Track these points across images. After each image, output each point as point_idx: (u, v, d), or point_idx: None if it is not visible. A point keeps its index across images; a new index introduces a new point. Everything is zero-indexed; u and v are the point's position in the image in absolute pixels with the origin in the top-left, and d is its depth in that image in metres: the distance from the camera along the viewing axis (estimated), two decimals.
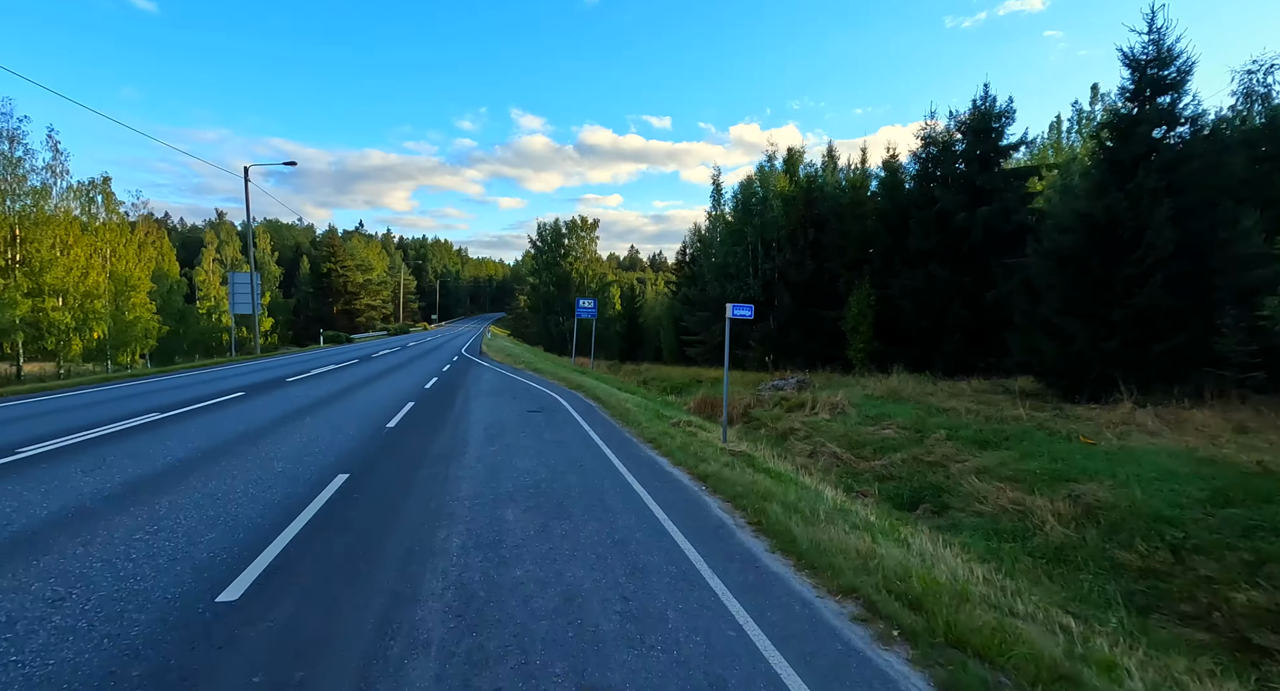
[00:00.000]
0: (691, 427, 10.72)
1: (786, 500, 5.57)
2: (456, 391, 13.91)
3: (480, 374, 19.46)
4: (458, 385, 15.35)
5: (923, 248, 23.54)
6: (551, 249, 62.74)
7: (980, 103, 22.76)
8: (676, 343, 43.04)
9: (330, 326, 60.74)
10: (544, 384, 16.83)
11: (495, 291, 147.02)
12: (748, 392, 19.80)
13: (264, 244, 73.03)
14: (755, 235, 30.31)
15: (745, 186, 31.58)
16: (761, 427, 15.45)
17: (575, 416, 10.79)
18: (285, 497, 5.22)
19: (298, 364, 21.00)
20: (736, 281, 31.27)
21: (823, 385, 19.71)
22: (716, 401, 18.57)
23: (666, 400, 20.38)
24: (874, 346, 24.32)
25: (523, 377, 18.72)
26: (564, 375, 19.26)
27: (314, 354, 28.80)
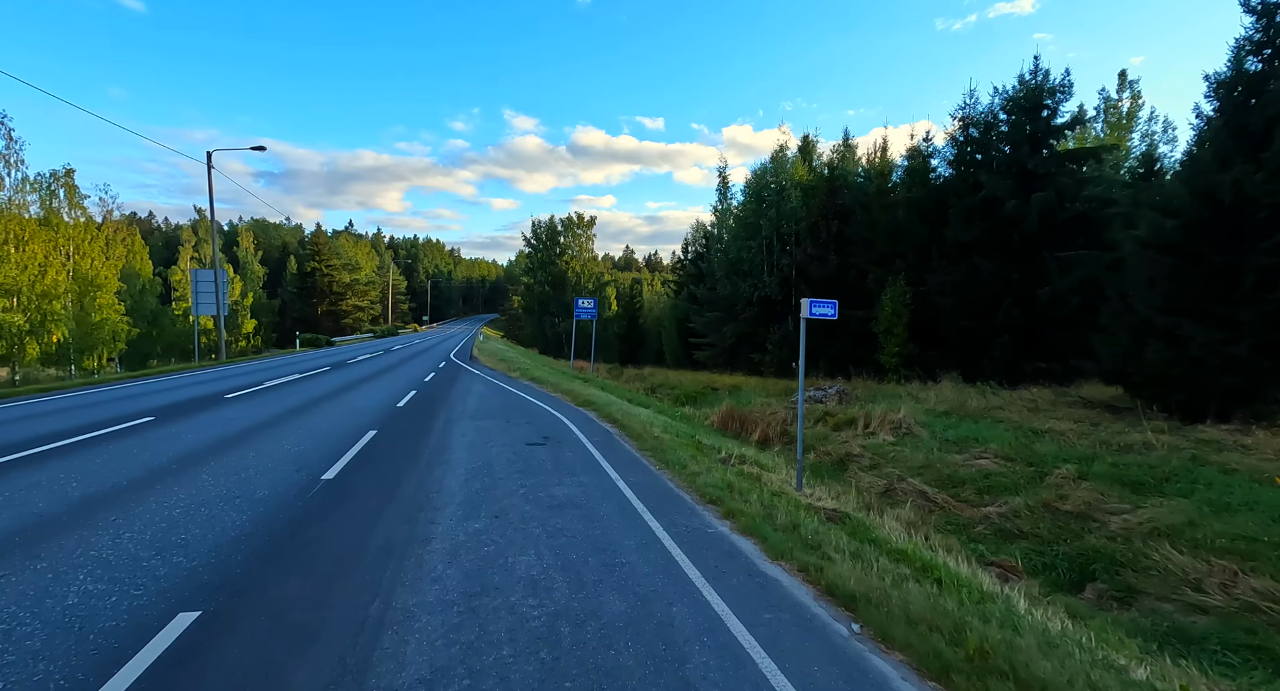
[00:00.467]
0: (748, 466, 7.98)
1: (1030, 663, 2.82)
2: (436, 411, 11.08)
3: (469, 384, 16.62)
4: (439, 402, 12.51)
5: (964, 239, 20.94)
6: (547, 247, 59.84)
7: (1030, 77, 20.18)
8: (680, 345, 40.31)
9: (314, 328, 57.57)
10: (544, 398, 14.03)
11: (488, 292, 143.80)
12: (778, 404, 17.07)
13: (247, 243, 69.75)
14: (771, 228, 27.62)
15: (759, 176, 28.89)
16: (809, 451, 12.71)
17: (592, 451, 8.00)
18: None
19: (256, 373, 18.10)
20: (750, 279, 28.55)
21: (865, 396, 17.00)
22: (745, 416, 15.87)
23: (682, 412, 17.67)
24: (909, 350, 21.67)
25: (518, 389, 15.90)
26: (566, 386, 16.47)
27: (284, 360, 25.83)
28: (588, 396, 14.01)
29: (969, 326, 20.54)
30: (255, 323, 64.42)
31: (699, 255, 41.45)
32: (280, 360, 25.23)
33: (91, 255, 33.21)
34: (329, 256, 63.32)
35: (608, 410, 11.64)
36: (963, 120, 22.35)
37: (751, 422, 15.46)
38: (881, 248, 24.01)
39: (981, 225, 20.46)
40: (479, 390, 15.06)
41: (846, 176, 26.54)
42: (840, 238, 25.34)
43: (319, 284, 60.35)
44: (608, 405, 12.56)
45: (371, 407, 11.06)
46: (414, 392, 13.73)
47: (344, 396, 12.54)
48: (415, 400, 12.48)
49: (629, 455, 7.96)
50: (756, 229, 28.15)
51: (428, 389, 14.83)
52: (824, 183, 26.14)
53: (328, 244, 69.36)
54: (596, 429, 9.78)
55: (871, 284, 23.39)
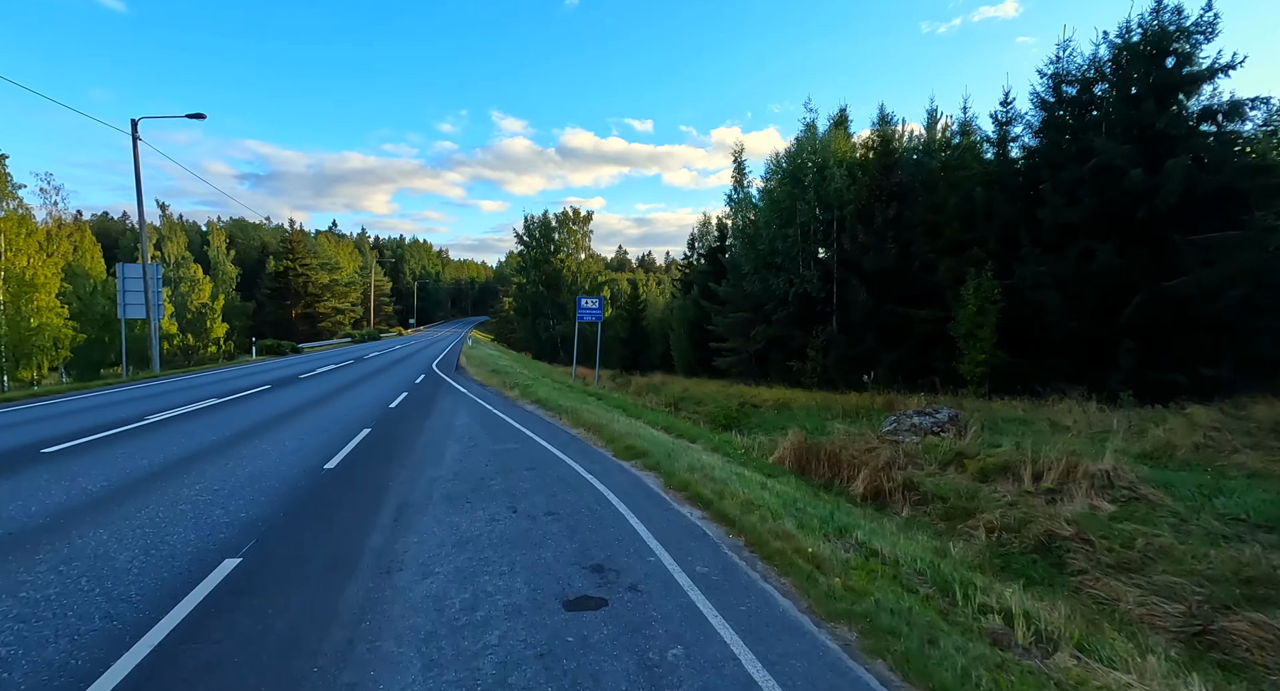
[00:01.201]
0: None
1: None
2: (389, 482, 6.50)
3: (451, 413, 12.08)
4: (399, 453, 7.98)
5: (1068, 219, 16.78)
6: (540, 244, 55.25)
7: (1151, 18, 16.06)
8: (693, 350, 35.93)
9: (287, 332, 52.49)
10: (560, 439, 9.54)
11: (477, 294, 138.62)
12: (871, 434, 12.70)
13: (219, 241, 64.57)
14: (809, 213, 23.32)
15: (794, 153, 24.57)
16: (959, 519, 8.34)
17: (716, 628, 3.49)
18: None
19: (162, 395, 13.44)
20: (785, 273, 24.21)
21: (981, 419, 12.66)
22: (831, 454, 11.48)
23: (731, 443, 13.31)
24: (997, 357, 17.43)
25: (520, 421, 11.39)
26: (583, 411, 11.96)
27: (227, 372, 21.08)
28: (620, 432, 9.56)
29: (1078, 328, 16.35)
30: (227, 327, 59.32)
31: (713, 250, 37.09)
32: (218, 374, 20.48)
33: (27, 252, 28.49)
34: (304, 255, 58.14)
35: (670, 465, 7.18)
36: (1055, 77, 18.19)
37: (843, 463, 11.08)
38: (951, 233, 19.80)
39: (1092, 201, 16.30)
40: (463, 424, 10.51)
41: (902, 151, 22.30)
42: (898, 222, 21.08)
43: (293, 285, 55.18)
44: (658, 448, 8.12)
45: (277, 475, 6.51)
46: (365, 432, 9.17)
47: (244, 446, 7.96)
48: (361, 450, 7.95)
49: (802, 635, 3.46)
50: (793, 214, 23.82)
51: (389, 423, 10.28)
52: (876, 158, 21.87)
53: (304, 242, 64.16)
54: (681, 524, 5.29)
55: (943, 276, 19.13)
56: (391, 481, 6.31)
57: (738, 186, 34.78)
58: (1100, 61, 17.30)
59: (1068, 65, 18.00)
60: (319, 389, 15.18)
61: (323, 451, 7.57)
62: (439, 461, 7.38)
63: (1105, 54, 17.08)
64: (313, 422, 9.86)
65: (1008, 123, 19.49)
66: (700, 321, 35.17)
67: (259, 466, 6.76)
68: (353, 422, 9.84)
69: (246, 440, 8.11)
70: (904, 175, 21.53)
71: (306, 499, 5.59)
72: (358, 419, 10.38)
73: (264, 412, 10.80)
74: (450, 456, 7.67)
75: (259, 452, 7.43)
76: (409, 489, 6.04)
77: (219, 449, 7.61)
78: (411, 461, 7.35)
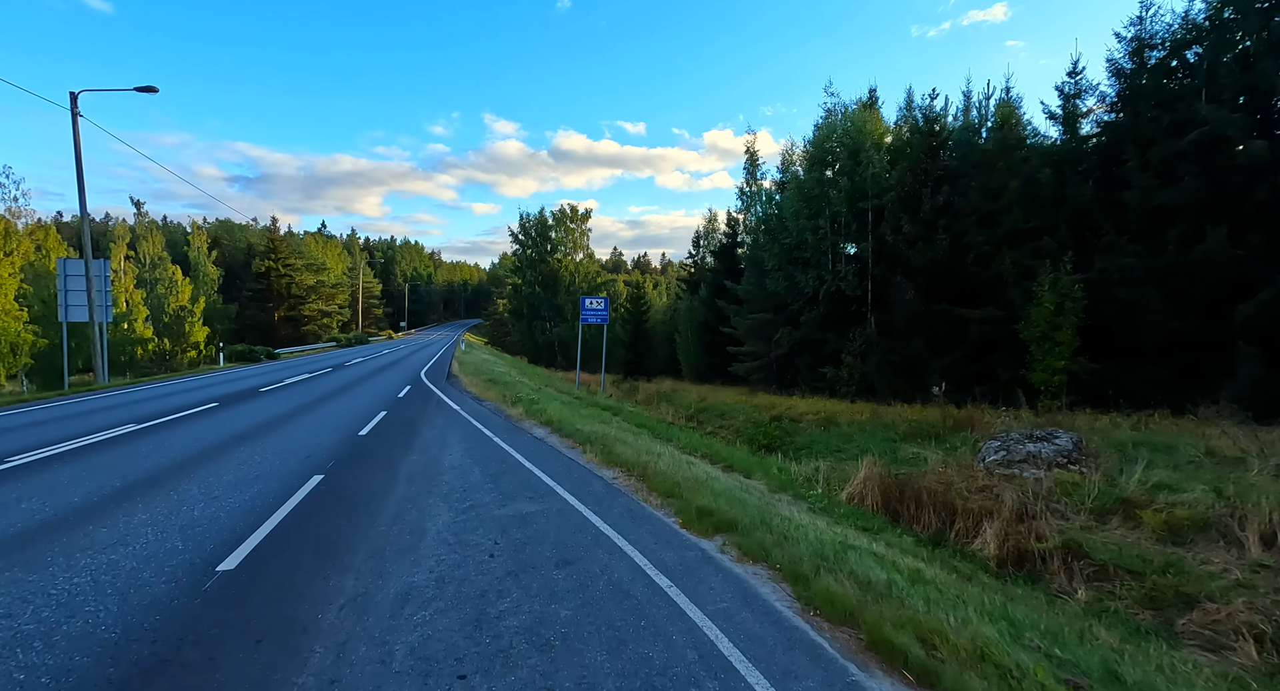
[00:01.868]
0: None
1: None
2: (311, 627, 3.73)
3: (440, 444, 9.28)
4: (349, 538, 5.20)
5: (1163, 202, 14.27)
6: (536, 244, 52.40)
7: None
8: (703, 354, 33.26)
9: (269, 337, 49.29)
10: (596, 490, 6.76)
11: (470, 296, 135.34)
12: (965, 461, 10.04)
13: (199, 242, 61.27)
14: (843, 202, 20.69)
15: (821, 137, 21.95)
16: (1171, 607, 5.68)
17: None
18: None
19: (87, 415, 10.55)
20: (815, 269, 21.58)
21: (1106, 444, 10.02)
22: (930, 492, 8.86)
23: (781, 468, 10.69)
24: (1078, 364, 14.85)
25: (531, 453, 8.62)
26: (613, 439, 9.18)
27: (182, 383, 18.09)
28: (668, 473, 6.82)
29: (1180, 330, 13.81)
30: (208, 330, 56.18)
31: (725, 246, 34.42)
32: (175, 385, 17.50)
33: None
34: (288, 255, 54.86)
35: (786, 550, 4.43)
36: (1137, 41, 15.68)
37: (953, 509, 8.43)
38: (1011, 222, 17.25)
39: (1196, 180, 13.78)
40: (455, 465, 7.72)
41: (950, 131, 19.73)
42: (947, 210, 18.50)
43: (275, 286, 51.92)
44: (738, 506, 5.40)
45: (90, 617, 3.70)
46: (313, 483, 6.37)
47: (92, 526, 5.14)
48: (291, 528, 5.14)
49: None
50: (823, 204, 21.19)
51: (350, 466, 7.47)
52: (920, 139, 19.29)
53: (287, 242, 60.88)
54: None
55: (1008, 270, 16.54)
56: (323, 613, 3.52)
57: (750, 179, 32.20)
58: (1194, 21, 14.82)
59: (1152, 27, 15.51)
60: (276, 407, 12.31)
61: (224, 535, 4.76)
62: (414, 548, 4.58)
63: (1201, 11, 14.60)
64: (239, 466, 7.04)
65: (1076, 95, 16.96)
66: (711, 323, 32.53)
67: (197, 522, 3.96)
68: (295, 468, 7.03)
69: (104, 513, 5.26)
70: (952, 157, 18.97)
71: (206, 632, 2.82)
72: (306, 458, 7.57)
73: (179, 449, 7.95)
74: (434, 535, 4.88)
75: (119, 538, 4.61)
76: (351, 639, 3.25)
77: (102, 510, 4.79)
78: (370, 548, 4.56)
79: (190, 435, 8.90)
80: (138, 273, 52.59)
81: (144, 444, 8.18)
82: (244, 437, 8.78)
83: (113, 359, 48.55)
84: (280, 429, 9.66)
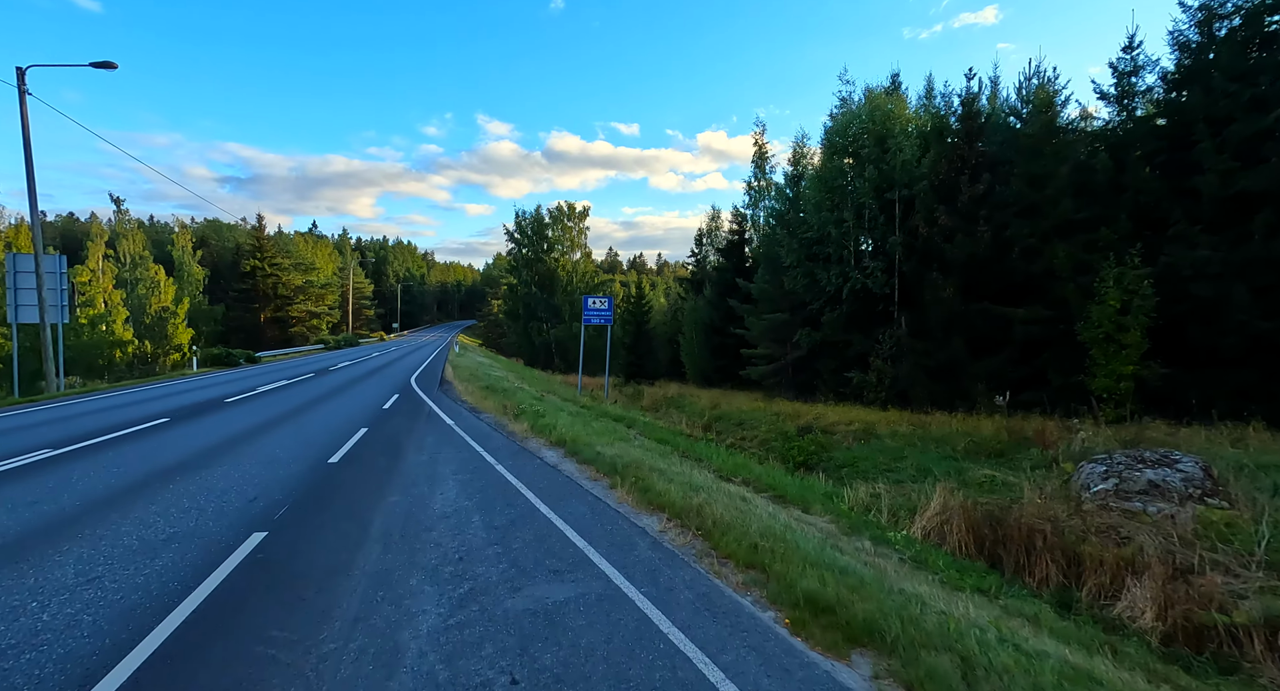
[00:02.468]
0: None
1: None
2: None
3: (428, 478, 7.42)
4: (280, 660, 3.34)
5: (1245, 187, 12.64)
6: (533, 242, 50.48)
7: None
8: (709, 356, 31.49)
9: (255, 339, 47.06)
10: (642, 554, 4.94)
11: (464, 297, 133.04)
12: (1036, 486, 8.30)
13: (184, 241, 58.93)
14: (869, 192, 18.99)
15: (842, 124, 20.24)
16: None
17: None
18: None
19: (7, 433, 8.66)
20: (837, 266, 19.86)
21: (1238, 475, 8.32)
22: (1039, 533, 7.16)
23: (829, 493, 9.01)
24: (1148, 368, 13.18)
25: (548, 492, 6.78)
26: (647, 468, 7.35)
27: (141, 392, 16.05)
28: (735, 524, 5.04)
29: (1272, 330, 12.17)
30: (192, 332, 53.99)
31: (733, 244, 32.68)
32: (131, 394, 15.48)
33: None
34: (274, 254, 52.58)
35: None
36: (1205, 10, 14.07)
37: (1069, 554, 6.71)
38: (1061, 212, 15.60)
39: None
40: (449, 512, 5.89)
41: (989, 114, 18.05)
42: (987, 200, 16.83)
43: (261, 286, 49.65)
44: (877, 601, 3.65)
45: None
46: (251, 545, 4.53)
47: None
48: (210, 625, 3.30)
49: None
50: (845, 195, 19.48)
51: (307, 517, 5.63)
52: (958, 123, 17.60)
53: (275, 241, 58.58)
54: None
55: (1062, 265, 14.88)
56: None
57: (759, 174, 30.54)
58: None
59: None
60: (238, 423, 10.40)
61: (96, 649, 2.92)
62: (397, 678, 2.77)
63: None
64: (154, 520, 5.17)
65: (1132, 72, 15.33)
66: (718, 324, 30.80)
67: None
68: (231, 520, 5.18)
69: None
70: (996, 141, 17.31)
71: None
72: (251, 501, 5.71)
73: (82, 491, 6.06)
74: (413, 662, 3.05)
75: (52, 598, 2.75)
76: None
77: None
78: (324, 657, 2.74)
79: (110, 466, 7.00)
80: (117, 272, 50.23)
81: (45, 479, 6.28)
82: (180, 470, 6.90)
83: (90, 362, 46.23)
84: (231, 454, 7.77)
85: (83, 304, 47.20)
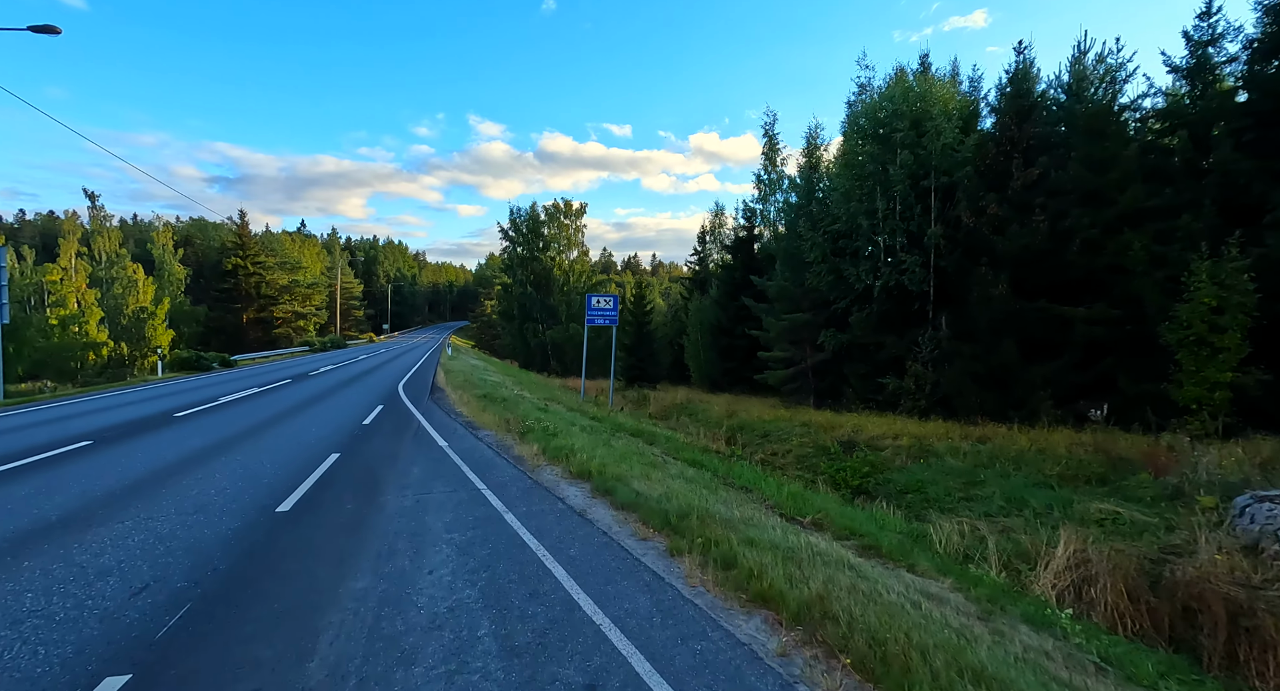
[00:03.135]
0: None
1: None
2: None
3: (415, 542, 5.35)
4: None
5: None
6: (528, 240, 48.34)
7: None
8: (718, 359, 29.56)
9: (237, 340, 44.52)
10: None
11: (456, 298, 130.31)
12: (1180, 525, 6.41)
13: (164, 239, 56.18)
14: (904, 180, 17.13)
15: (871, 107, 18.36)
16: None
17: None
18: None
19: None
20: (868, 260, 17.99)
21: None
22: (1216, 598, 5.19)
23: (916, 533, 7.07)
24: (1247, 376, 11.37)
25: (586, 575, 4.75)
26: (717, 522, 5.38)
27: (85, 402, 13.76)
28: (908, 642, 3.11)
29: None
30: (173, 334, 51.37)
31: (741, 240, 30.77)
32: (69, 406, 13.21)
33: None
34: (258, 252, 50.03)
35: None
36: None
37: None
38: (1129, 199, 13.81)
39: None
40: (441, 607, 3.90)
41: (1042, 93, 16.23)
42: (1040, 187, 15.02)
43: (244, 286, 47.10)
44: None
45: None
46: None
47: None
48: None
49: None
50: (878, 182, 17.60)
51: (227, 614, 3.55)
52: (1008, 101, 15.77)
53: (258, 239, 55.96)
54: None
55: (1137, 257, 13.07)
56: None
57: (769, 166, 28.67)
58: None
59: None
60: (176, 448, 8.29)
61: None
62: None
63: None
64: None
65: (1211, 42, 13.57)
66: (726, 325, 28.89)
67: None
68: (89, 640, 3.14)
69: None
70: (1049, 122, 15.51)
71: None
72: (132, 598, 3.66)
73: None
74: None
75: None
76: None
77: None
78: None
79: None
80: (92, 270, 47.53)
81: None
82: (59, 529, 4.81)
83: (61, 365, 43.34)
84: (146, 499, 5.69)
85: (54, 304, 44.55)
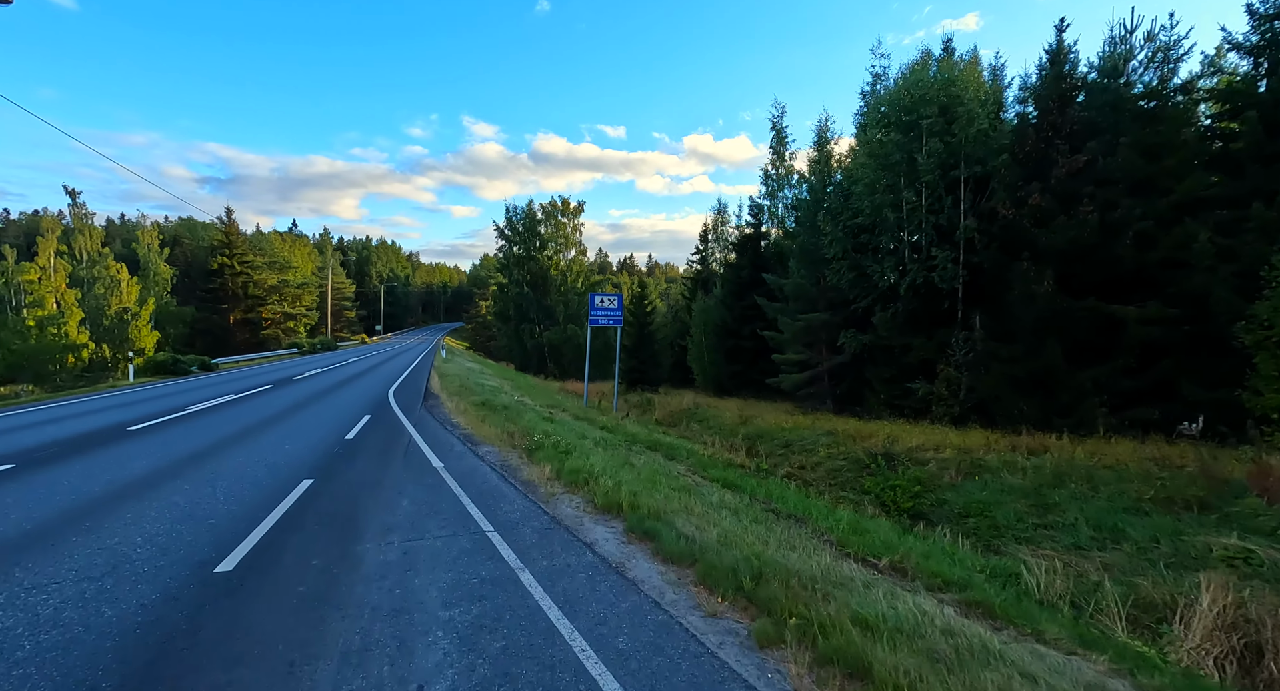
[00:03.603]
0: None
1: None
2: None
3: (399, 632, 3.95)
4: None
5: None
6: (524, 240, 46.87)
7: None
8: (723, 362, 28.23)
9: (223, 342, 42.77)
10: None
11: (450, 299, 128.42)
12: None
13: (149, 239, 54.26)
14: (934, 170, 15.87)
15: (895, 94, 17.09)
16: None
17: None
18: None
19: None
20: (892, 258, 16.72)
21: None
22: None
23: (1011, 580, 5.68)
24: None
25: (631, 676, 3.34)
26: (802, 580, 4.04)
27: (31, 413, 12.23)
28: None
29: None
30: (159, 335, 49.61)
31: (746, 237, 29.44)
32: (14, 417, 11.68)
33: None
34: (245, 252, 48.27)
35: None
36: None
37: None
38: (1188, 187, 12.61)
39: None
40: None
41: (1085, 76, 15.01)
42: (1085, 176, 13.79)
43: (231, 286, 45.34)
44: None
45: None
46: None
47: None
48: None
49: None
50: (902, 172, 16.34)
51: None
52: (1048, 83, 14.54)
53: (247, 238, 54.15)
54: None
55: (1200, 251, 11.83)
56: None
57: (777, 160, 27.40)
58: None
59: None
60: (111, 474, 6.85)
61: None
62: None
63: None
64: None
65: (1276, 16, 12.37)
66: (732, 326, 27.58)
67: None
68: None
69: None
70: (1093, 106, 14.29)
71: None
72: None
73: None
74: None
75: None
76: None
77: None
78: None
79: None
80: (72, 270, 45.66)
81: None
82: None
83: (39, 368, 41.36)
84: (31, 558, 4.26)
85: (31, 304, 42.71)
